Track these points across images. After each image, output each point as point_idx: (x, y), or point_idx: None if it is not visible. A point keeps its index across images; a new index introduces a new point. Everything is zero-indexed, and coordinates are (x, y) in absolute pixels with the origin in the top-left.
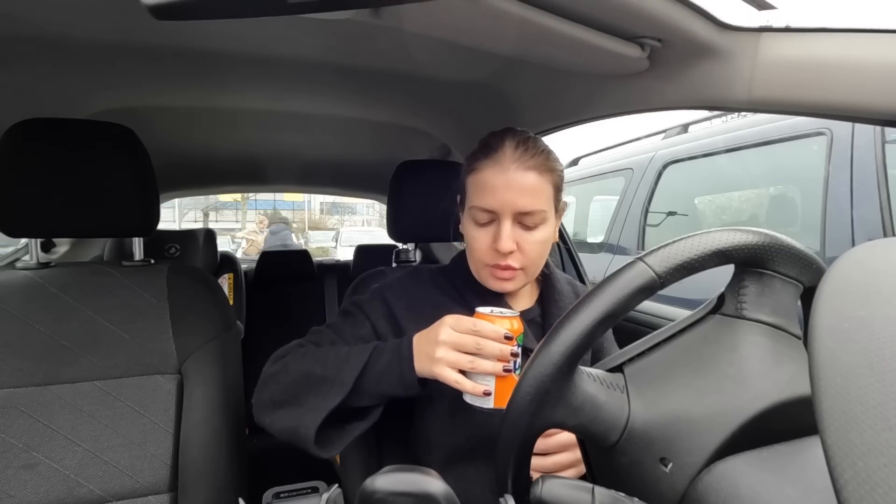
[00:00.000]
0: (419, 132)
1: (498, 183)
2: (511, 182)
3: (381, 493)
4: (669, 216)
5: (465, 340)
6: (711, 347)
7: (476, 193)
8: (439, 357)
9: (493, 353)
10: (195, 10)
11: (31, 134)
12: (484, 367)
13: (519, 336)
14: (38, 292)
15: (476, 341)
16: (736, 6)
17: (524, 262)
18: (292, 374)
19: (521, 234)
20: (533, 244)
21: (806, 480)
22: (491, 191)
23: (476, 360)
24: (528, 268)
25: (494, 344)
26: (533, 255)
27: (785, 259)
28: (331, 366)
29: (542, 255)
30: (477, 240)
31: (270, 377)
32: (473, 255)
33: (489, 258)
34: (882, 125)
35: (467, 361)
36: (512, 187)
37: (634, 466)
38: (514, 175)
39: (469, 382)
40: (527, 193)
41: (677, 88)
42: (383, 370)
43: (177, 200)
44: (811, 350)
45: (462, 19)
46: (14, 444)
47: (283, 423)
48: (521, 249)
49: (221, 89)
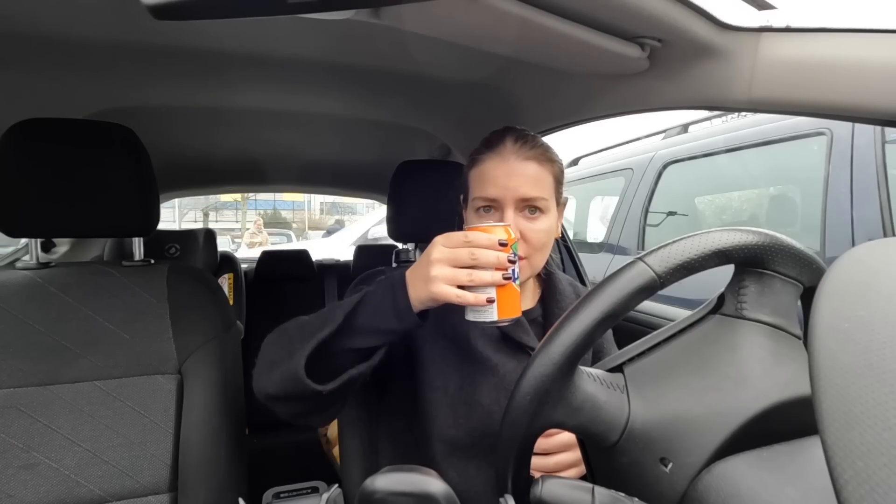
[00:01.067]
0: (419, 132)
1: (499, 173)
2: (512, 170)
3: (381, 493)
4: (669, 216)
5: (460, 254)
6: (711, 347)
7: (478, 185)
8: (434, 275)
9: (491, 261)
10: (195, 10)
11: (31, 134)
12: (483, 277)
13: (514, 244)
14: (38, 292)
15: (471, 252)
16: (736, 6)
17: (528, 252)
18: (288, 332)
19: (524, 223)
20: (536, 232)
21: (806, 480)
22: (492, 180)
23: (474, 271)
24: (532, 258)
25: (490, 252)
26: (537, 244)
27: (785, 259)
28: (325, 313)
29: (545, 246)
30: None
31: (267, 343)
32: None
33: None
34: (882, 125)
35: (465, 275)
36: (513, 175)
37: (634, 466)
38: (514, 164)
39: (471, 294)
40: (528, 181)
41: (677, 88)
42: (377, 304)
43: (177, 200)
44: (811, 350)
45: (462, 19)
46: (14, 444)
47: (278, 374)
48: (524, 238)
49: (221, 89)
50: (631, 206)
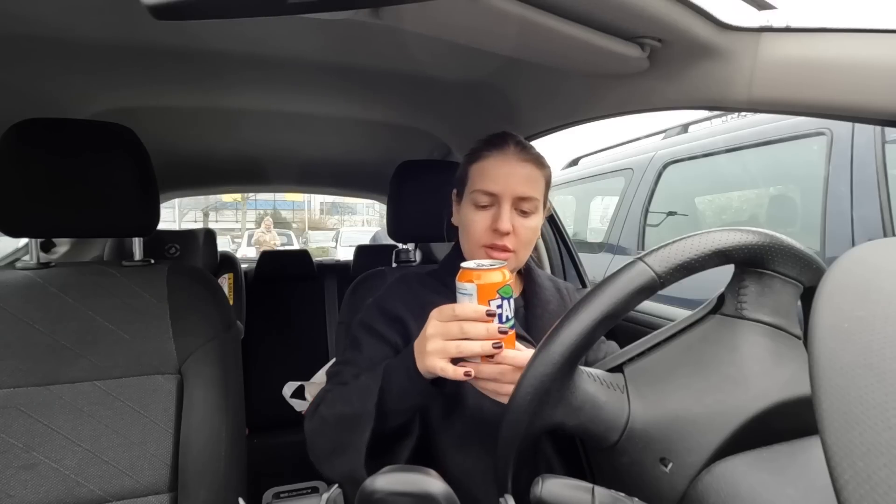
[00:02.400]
0: (419, 132)
1: (501, 170)
2: (513, 170)
3: (381, 493)
4: (669, 216)
5: (450, 328)
6: (711, 347)
7: (479, 178)
8: (429, 350)
9: (479, 333)
10: (195, 10)
11: (32, 134)
12: (471, 349)
13: (504, 287)
14: (38, 292)
15: (460, 326)
16: (736, 6)
17: (517, 245)
18: (329, 421)
19: (517, 219)
20: (527, 229)
21: (806, 480)
22: (494, 176)
23: (462, 343)
24: (520, 252)
25: (478, 325)
26: (525, 240)
27: (785, 259)
28: (356, 400)
29: (531, 242)
30: (476, 222)
31: (313, 433)
32: (471, 237)
33: (486, 238)
34: (882, 125)
35: (454, 347)
36: (514, 174)
37: (634, 466)
38: (515, 164)
39: (451, 367)
40: (526, 181)
41: (677, 88)
42: (399, 387)
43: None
44: (811, 350)
45: (462, 19)
46: (14, 444)
47: (339, 471)
48: (516, 233)
49: (221, 89)
50: (631, 206)
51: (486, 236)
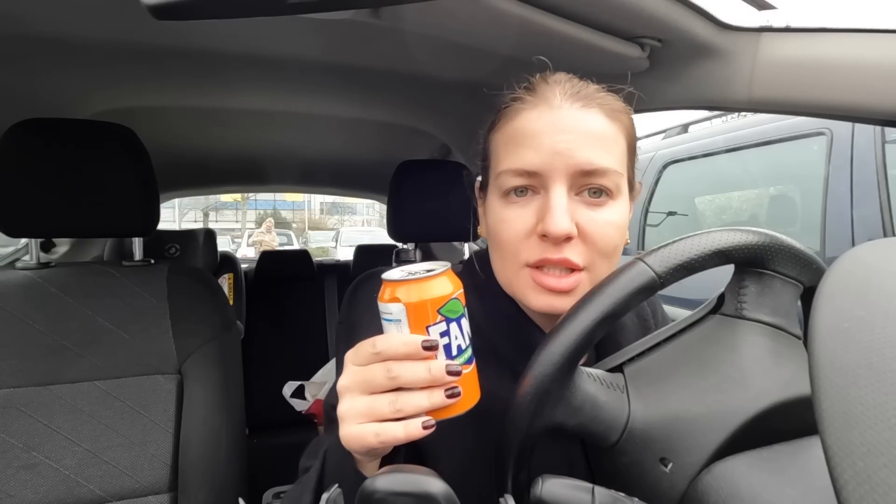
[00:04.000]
0: (419, 132)
1: (543, 126)
2: (565, 122)
3: (381, 493)
4: (669, 216)
5: (373, 374)
6: (711, 347)
7: (508, 151)
8: (346, 415)
9: (418, 378)
10: (195, 10)
11: (31, 134)
12: (413, 404)
13: (449, 303)
14: (38, 292)
15: (386, 369)
16: (736, 6)
17: (589, 259)
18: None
19: (585, 212)
20: (604, 226)
21: (806, 480)
22: (532, 139)
23: (398, 398)
24: (596, 268)
25: (416, 366)
26: (604, 245)
27: (785, 259)
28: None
29: (616, 248)
30: (511, 223)
31: None
32: (505, 251)
33: (532, 251)
34: (882, 125)
35: (386, 405)
36: (567, 130)
37: (634, 466)
38: (569, 113)
39: (390, 429)
40: (592, 140)
41: (677, 88)
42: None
43: (177, 200)
44: (811, 350)
45: (462, 19)
46: (14, 444)
47: None
48: (583, 235)
49: (221, 89)
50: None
51: (530, 247)
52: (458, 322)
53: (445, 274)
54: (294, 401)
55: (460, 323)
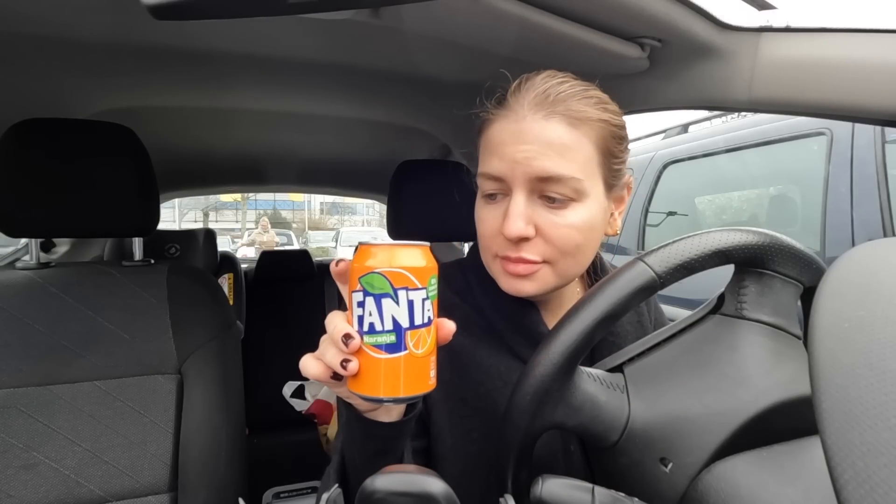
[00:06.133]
0: (419, 132)
1: (507, 136)
2: (524, 133)
3: (381, 492)
4: (669, 216)
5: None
6: (711, 347)
7: (483, 157)
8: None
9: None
10: (195, 10)
11: (31, 134)
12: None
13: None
14: (38, 292)
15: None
16: (736, 6)
17: (549, 254)
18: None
19: (544, 214)
20: (561, 228)
21: (806, 480)
22: (498, 148)
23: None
24: (558, 263)
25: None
26: (562, 244)
27: (785, 259)
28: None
29: (578, 247)
30: (484, 221)
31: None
32: (482, 244)
33: (497, 246)
34: (882, 125)
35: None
36: (525, 140)
37: (634, 466)
38: (530, 124)
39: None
40: (548, 150)
41: (677, 88)
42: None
43: (177, 200)
44: (811, 350)
45: (462, 19)
46: (14, 444)
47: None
48: (542, 234)
49: (221, 89)
50: (631, 206)
51: (496, 242)
52: (376, 299)
53: (378, 247)
54: (294, 401)
55: (380, 301)
